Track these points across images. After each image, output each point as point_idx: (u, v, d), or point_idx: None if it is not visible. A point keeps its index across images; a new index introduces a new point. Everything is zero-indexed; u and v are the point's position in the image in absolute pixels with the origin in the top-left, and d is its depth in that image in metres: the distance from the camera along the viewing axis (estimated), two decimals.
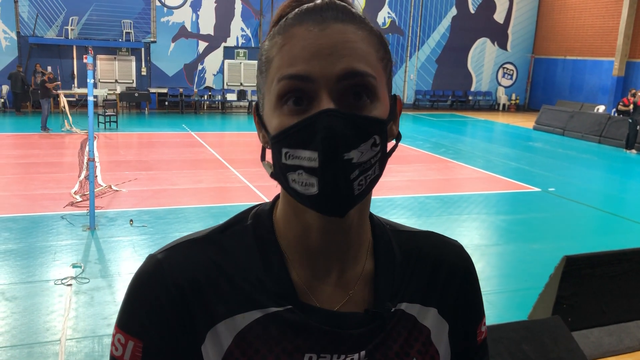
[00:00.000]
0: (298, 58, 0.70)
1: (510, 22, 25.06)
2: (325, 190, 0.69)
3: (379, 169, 0.74)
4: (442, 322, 0.85)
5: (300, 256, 0.79)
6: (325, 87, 0.69)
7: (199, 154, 12.34)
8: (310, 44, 0.70)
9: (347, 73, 0.70)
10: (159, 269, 0.77)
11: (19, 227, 6.98)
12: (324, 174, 0.68)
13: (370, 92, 0.72)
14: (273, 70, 0.73)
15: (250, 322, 0.76)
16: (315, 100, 0.70)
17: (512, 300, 5.41)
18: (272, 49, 0.74)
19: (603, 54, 21.84)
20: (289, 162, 0.71)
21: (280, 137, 0.71)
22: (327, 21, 0.71)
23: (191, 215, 7.68)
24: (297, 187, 0.71)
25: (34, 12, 18.90)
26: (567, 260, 4.05)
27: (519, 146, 15.44)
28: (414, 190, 9.79)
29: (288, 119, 0.71)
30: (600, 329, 4.21)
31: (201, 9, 20.78)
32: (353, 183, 0.70)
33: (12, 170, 10.16)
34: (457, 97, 24.72)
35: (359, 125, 0.70)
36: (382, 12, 23.15)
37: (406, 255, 0.86)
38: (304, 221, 0.78)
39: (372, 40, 0.74)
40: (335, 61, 0.70)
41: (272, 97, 0.73)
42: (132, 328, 0.76)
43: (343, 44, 0.71)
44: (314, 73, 0.69)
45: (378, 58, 0.74)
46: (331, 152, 0.68)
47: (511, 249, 7.01)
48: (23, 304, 4.93)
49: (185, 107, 20.30)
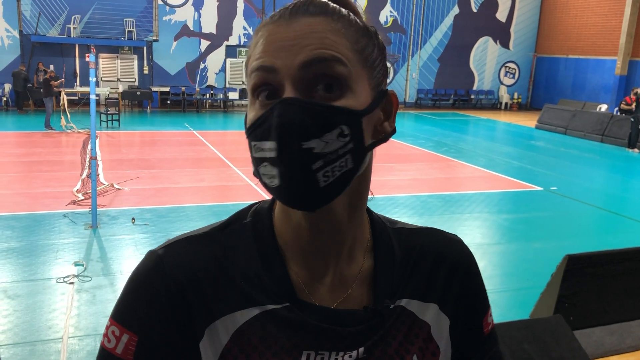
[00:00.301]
0: (265, 51, 0.71)
1: (512, 21, 25.02)
2: (284, 180, 0.68)
3: (351, 161, 0.70)
4: (442, 318, 0.85)
5: (297, 254, 0.79)
6: (288, 78, 0.69)
7: (201, 152, 12.35)
8: (277, 38, 0.71)
9: (308, 60, 0.69)
10: (158, 264, 0.77)
11: (21, 225, 6.99)
12: (281, 163, 0.68)
13: (340, 82, 0.70)
14: (249, 68, 0.74)
15: (248, 319, 0.76)
16: (281, 92, 0.70)
17: (514, 299, 5.41)
18: (250, 48, 0.76)
19: (606, 53, 21.79)
20: (257, 155, 0.71)
21: (249, 131, 0.72)
22: (296, 15, 0.72)
23: (193, 214, 7.69)
24: (265, 181, 0.71)
25: (36, 10, 18.92)
26: (569, 259, 4.04)
27: (521, 145, 15.42)
28: (416, 189, 9.79)
29: (259, 112, 0.71)
30: (602, 328, 4.20)
31: (203, 8, 20.77)
32: (317, 174, 0.67)
33: (15, 168, 10.17)
34: (459, 95, 24.69)
35: (320, 113, 0.68)
36: (384, 11, 23.12)
37: (406, 253, 0.86)
38: (294, 220, 0.78)
39: (348, 32, 0.72)
40: (297, 51, 0.69)
41: (249, 92, 0.74)
42: (128, 321, 0.76)
43: (308, 34, 0.70)
44: (276, 63, 0.70)
45: (354, 49, 0.72)
46: (285, 140, 0.67)
47: (513, 247, 7.01)
48: (25, 302, 4.94)
49: (188, 105, 20.31)
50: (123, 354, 0.75)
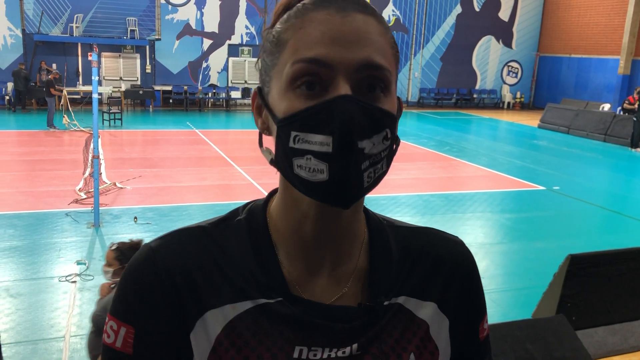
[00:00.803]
0: (318, 42, 0.69)
1: (515, 20, 24.98)
2: (336, 177, 0.67)
3: (386, 164, 0.73)
4: (441, 317, 0.84)
5: (293, 249, 0.79)
6: (343, 74, 0.68)
7: (203, 151, 12.36)
8: (332, 29, 0.69)
9: (367, 64, 0.69)
10: (151, 256, 0.78)
11: (24, 224, 7.00)
12: (336, 160, 0.67)
13: (385, 85, 0.71)
14: (287, 53, 0.71)
15: (240, 312, 0.76)
16: (330, 86, 0.68)
17: (516, 299, 5.40)
18: (287, 31, 0.72)
19: (608, 52, 21.74)
20: (297, 146, 0.69)
21: (291, 120, 0.69)
22: (348, 9, 0.71)
23: (195, 213, 7.70)
24: (302, 174, 0.69)
25: (39, 9, 18.94)
26: (571, 259, 4.04)
27: (523, 144, 15.40)
28: (418, 188, 9.78)
29: (300, 102, 0.69)
30: (605, 328, 4.19)
31: (206, 7, 20.78)
32: (363, 174, 0.69)
33: (17, 167, 10.19)
34: (461, 95, 24.66)
35: (374, 115, 0.69)
36: (386, 10, 23.10)
37: (404, 251, 0.85)
38: (300, 210, 0.77)
39: (388, 37, 0.75)
40: (357, 50, 0.69)
41: (284, 80, 0.71)
42: (124, 315, 0.77)
43: (364, 33, 0.70)
44: (334, 58, 0.68)
45: (392, 54, 0.74)
46: (347, 138, 0.66)
47: (515, 247, 7.00)
48: (28, 300, 4.95)
49: (190, 104, 20.32)
50: (122, 347, 0.76)
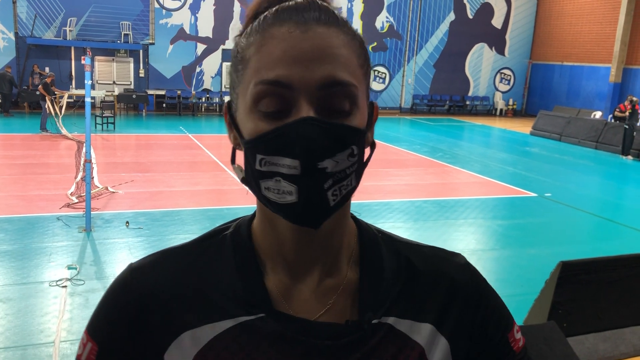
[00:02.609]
0: (277, 62, 0.67)
1: (508, 28, 25.14)
2: (303, 199, 0.67)
3: (355, 180, 0.71)
4: (439, 339, 0.79)
5: (276, 265, 0.77)
6: (304, 94, 0.67)
7: (196, 156, 12.33)
8: (292, 47, 0.67)
9: (329, 82, 0.67)
10: (126, 279, 0.79)
11: (15, 228, 6.95)
12: (302, 183, 0.66)
13: (351, 100, 0.69)
14: (250, 72, 0.70)
15: (219, 332, 0.74)
16: (294, 107, 0.67)
17: (508, 305, 5.38)
18: (250, 48, 0.70)
19: (600, 60, 21.92)
20: (264, 169, 0.68)
21: (255, 143, 0.68)
22: (309, 23, 0.68)
23: (188, 218, 7.67)
24: (270, 195, 0.68)
25: (32, 12, 18.88)
26: (562, 266, 4.05)
27: (515, 151, 15.47)
28: (411, 194, 9.79)
29: (264, 123, 0.68)
30: (596, 334, 4.21)
31: (200, 12, 20.79)
32: (327, 193, 0.67)
33: (9, 170, 10.12)
34: (454, 101, 24.77)
35: (337, 134, 0.67)
36: (380, 17, 23.19)
37: (397, 266, 0.81)
38: (278, 232, 0.76)
39: (354, 46, 0.71)
40: (317, 68, 0.67)
41: (248, 100, 0.69)
42: (92, 331, 0.78)
43: (325, 49, 0.68)
44: (294, 79, 0.66)
45: (359, 64, 0.72)
46: (310, 161, 0.66)
47: (507, 253, 7.02)
48: (17, 305, 4.91)
49: (183, 109, 20.29)
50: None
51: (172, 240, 6.59)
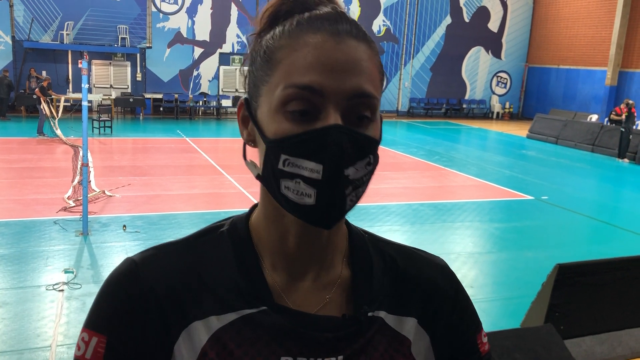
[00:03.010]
0: (311, 68, 0.70)
1: (504, 31, 25.23)
2: (322, 203, 0.70)
3: (366, 186, 0.75)
4: (422, 334, 0.84)
5: (276, 259, 0.80)
6: (334, 102, 0.70)
7: (193, 159, 12.33)
8: (325, 56, 0.70)
9: (358, 93, 0.70)
10: (133, 269, 0.78)
11: (11, 232, 6.94)
12: (325, 187, 0.69)
13: (371, 112, 0.73)
14: (280, 74, 0.72)
15: (224, 324, 0.76)
16: (321, 113, 0.70)
17: (504, 308, 5.42)
18: (280, 51, 0.72)
19: (596, 64, 22.00)
20: (287, 169, 0.70)
21: (282, 143, 0.70)
22: (342, 35, 0.71)
23: (184, 221, 7.67)
24: (289, 195, 0.71)
25: (29, 16, 18.88)
26: (559, 269, 4.06)
27: (512, 154, 15.51)
28: (407, 197, 9.81)
29: (290, 126, 0.70)
30: (592, 337, 4.22)
31: (197, 15, 20.81)
32: (346, 198, 0.71)
33: (5, 174, 10.10)
34: (451, 105, 24.83)
35: (361, 143, 0.71)
36: (377, 20, 23.25)
37: (384, 266, 0.86)
38: (282, 225, 0.78)
39: (376, 61, 0.75)
40: (349, 79, 0.70)
41: (275, 101, 0.71)
42: (97, 325, 0.77)
43: (357, 62, 0.71)
44: (326, 87, 0.69)
45: (379, 79, 0.75)
46: (336, 167, 0.69)
47: (504, 256, 7.03)
48: (14, 309, 4.90)
49: (180, 112, 20.29)
50: (93, 357, 0.76)
51: None
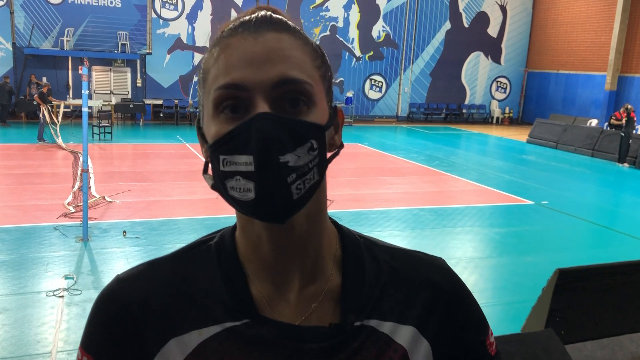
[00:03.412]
0: (233, 66, 0.71)
1: (503, 37, 25.29)
2: (262, 194, 0.69)
3: (317, 174, 0.72)
4: (421, 342, 0.81)
5: (258, 270, 0.79)
6: (260, 94, 0.70)
7: (193, 165, 12.33)
8: (245, 52, 0.71)
9: (281, 80, 0.70)
10: (114, 290, 0.80)
11: (11, 238, 6.93)
12: (259, 177, 0.68)
13: (307, 98, 0.72)
14: (210, 81, 0.73)
15: (206, 338, 0.76)
16: (250, 107, 0.70)
17: (505, 313, 5.41)
18: (209, 62, 0.75)
19: (595, 69, 22.04)
20: (226, 169, 0.70)
21: (217, 145, 0.71)
22: (261, 30, 0.73)
23: (185, 227, 7.66)
24: (235, 194, 0.71)
25: (29, 23, 18.93)
26: (559, 273, 4.06)
27: (512, 159, 15.51)
28: (408, 202, 9.81)
29: (225, 126, 0.71)
30: (593, 342, 4.21)
31: (197, 21, 20.87)
32: (291, 187, 0.69)
33: (6, 180, 10.11)
34: (451, 110, 24.86)
35: (294, 128, 0.69)
36: (376, 26, 23.31)
37: (380, 271, 0.83)
38: (254, 233, 0.78)
39: (307, 49, 0.75)
40: (270, 68, 0.70)
41: (210, 107, 0.73)
42: (86, 345, 0.79)
43: (277, 51, 0.71)
44: (248, 81, 0.70)
45: (314, 66, 0.75)
46: (266, 154, 0.68)
47: (504, 261, 7.02)
48: (14, 315, 4.89)
49: (180, 118, 20.31)
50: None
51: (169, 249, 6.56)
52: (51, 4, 19.06)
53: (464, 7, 24.45)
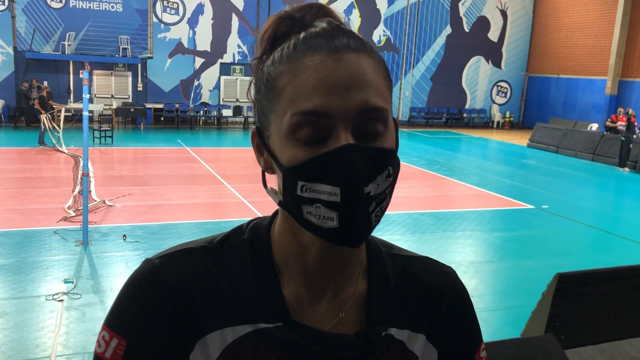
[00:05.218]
0: (314, 92, 0.69)
1: (504, 41, 25.32)
2: (345, 224, 0.69)
3: (390, 197, 0.73)
4: (430, 349, 0.84)
5: (295, 274, 0.79)
6: (342, 123, 0.69)
7: (194, 169, 12.34)
8: (327, 76, 0.69)
9: (364, 109, 0.69)
10: (154, 273, 0.78)
11: (12, 242, 6.93)
12: (345, 209, 0.68)
13: (383, 123, 0.72)
14: (285, 102, 0.71)
15: (239, 336, 0.76)
16: (331, 135, 0.69)
17: (505, 318, 5.40)
18: (282, 78, 0.71)
19: (596, 73, 22.06)
20: (305, 195, 0.69)
21: (296, 170, 0.70)
22: (340, 51, 0.70)
23: (185, 231, 7.66)
24: (312, 219, 0.70)
25: (31, 27, 18.98)
26: (559, 278, 4.05)
27: (513, 163, 15.51)
28: (408, 206, 9.80)
29: (302, 151, 0.69)
30: (593, 347, 4.20)
31: (198, 26, 20.91)
32: (371, 216, 0.70)
33: (6, 184, 10.12)
34: (451, 114, 24.87)
35: (375, 158, 0.70)
36: (377, 30, 23.35)
37: (398, 280, 0.85)
38: (302, 242, 0.77)
39: (381, 69, 0.74)
40: (354, 96, 0.69)
41: (284, 129, 0.71)
42: (118, 326, 0.76)
43: (359, 76, 0.70)
44: (332, 108, 0.68)
45: (387, 87, 0.74)
46: (354, 187, 0.68)
47: (505, 266, 7.02)
48: (13, 319, 4.89)
49: (181, 122, 20.34)
50: (112, 358, 0.75)
51: None
52: (52, 9, 19.11)
53: (465, 12, 24.50)
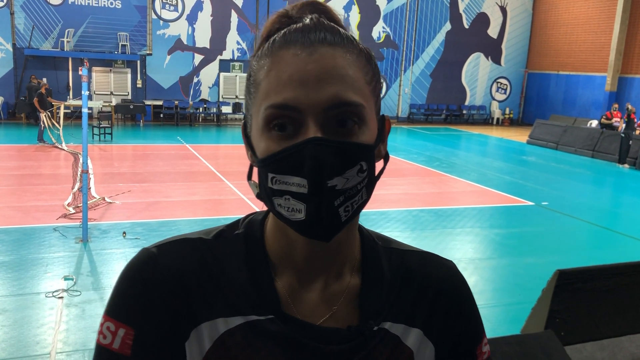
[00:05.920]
0: (285, 86, 0.69)
1: (504, 37, 25.30)
2: (312, 217, 0.69)
3: (366, 194, 0.73)
4: (426, 344, 0.83)
5: (286, 268, 0.80)
6: (312, 116, 0.69)
7: (193, 166, 12.33)
8: (298, 70, 0.69)
9: (334, 104, 0.69)
10: (152, 261, 0.78)
11: (11, 239, 6.93)
12: (311, 201, 0.69)
13: (358, 118, 0.71)
14: (260, 95, 0.72)
15: (231, 327, 0.76)
16: (302, 127, 0.70)
17: (505, 314, 5.40)
18: (260, 72, 0.73)
19: (596, 70, 22.04)
20: (275, 187, 0.71)
21: (267, 162, 0.71)
22: (314, 44, 0.71)
23: (184, 228, 7.66)
24: (282, 212, 0.71)
25: (30, 24, 18.94)
26: (559, 274, 4.05)
27: (512, 160, 15.51)
28: (408, 203, 9.80)
29: (274, 144, 0.71)
30: (593, 343, 4.20)
31: (197, 22, 20.88)
32: (338, 210, 0.70)
33: (6, 181, 10.11)
34: (451, 111, 24.86)
35: (345, 152, 0.69)
36: (377, 27, 23.32)
37: (394, 274, 0.84)
38: (289, 236, 0.78)
39: (361, 63, 0.73)
40: (323, 90, 0.69)
41: (259, 122, 0.72)
42: (123, 316, 0.76)
43: (331, 70, 0.70)
44: (301, 102, 0.69)
45: (366, 82, 0.73)
46: (318, 180, 0.68)
47: (504, 262, 7.02)
48: (13, 316, 4.89)
49: (181, 119, 20.32)
50: (120, 348, 0.75)
51: None
52: (51, 5, 19.07)
53: (464, 8, 24.46)
